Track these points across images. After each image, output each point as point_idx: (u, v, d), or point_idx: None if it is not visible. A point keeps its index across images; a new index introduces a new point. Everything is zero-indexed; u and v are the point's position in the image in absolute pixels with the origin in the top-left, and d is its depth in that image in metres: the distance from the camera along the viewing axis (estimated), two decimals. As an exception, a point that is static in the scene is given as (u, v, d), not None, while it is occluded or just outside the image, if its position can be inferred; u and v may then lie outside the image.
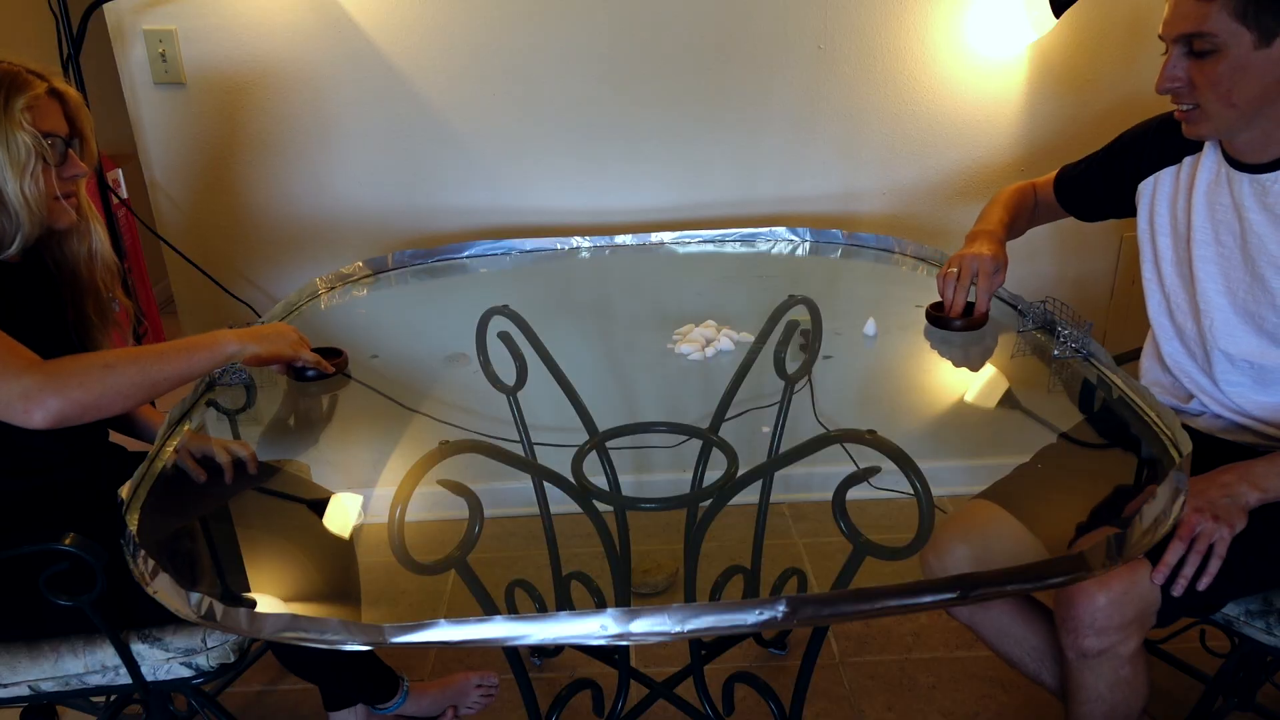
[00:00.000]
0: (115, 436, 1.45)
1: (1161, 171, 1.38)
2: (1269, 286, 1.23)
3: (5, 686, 1.20)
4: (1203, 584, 1.13)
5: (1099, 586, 1.13)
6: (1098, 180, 1.49)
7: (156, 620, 1.21)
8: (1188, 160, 1.34)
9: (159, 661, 1.21)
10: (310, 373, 1.38)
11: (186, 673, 1.22)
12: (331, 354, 1.43)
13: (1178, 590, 1.13)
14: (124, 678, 1.20)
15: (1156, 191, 1.38)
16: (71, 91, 1.24)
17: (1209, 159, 1.30)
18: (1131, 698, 1.21)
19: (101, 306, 1.37)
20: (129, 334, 1.45)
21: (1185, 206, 1.33)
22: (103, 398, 1.12)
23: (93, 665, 1.20)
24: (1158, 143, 1.38)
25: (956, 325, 1.48)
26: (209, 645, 1.22)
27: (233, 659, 1.24)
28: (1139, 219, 1.42)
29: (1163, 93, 1.24)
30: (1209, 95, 1.19)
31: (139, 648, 1.20)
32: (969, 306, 1.48)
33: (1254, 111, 1.19)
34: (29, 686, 1.21)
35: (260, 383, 1.42)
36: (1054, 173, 1.58)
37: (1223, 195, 1.28)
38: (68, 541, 1.07)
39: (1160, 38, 1.23)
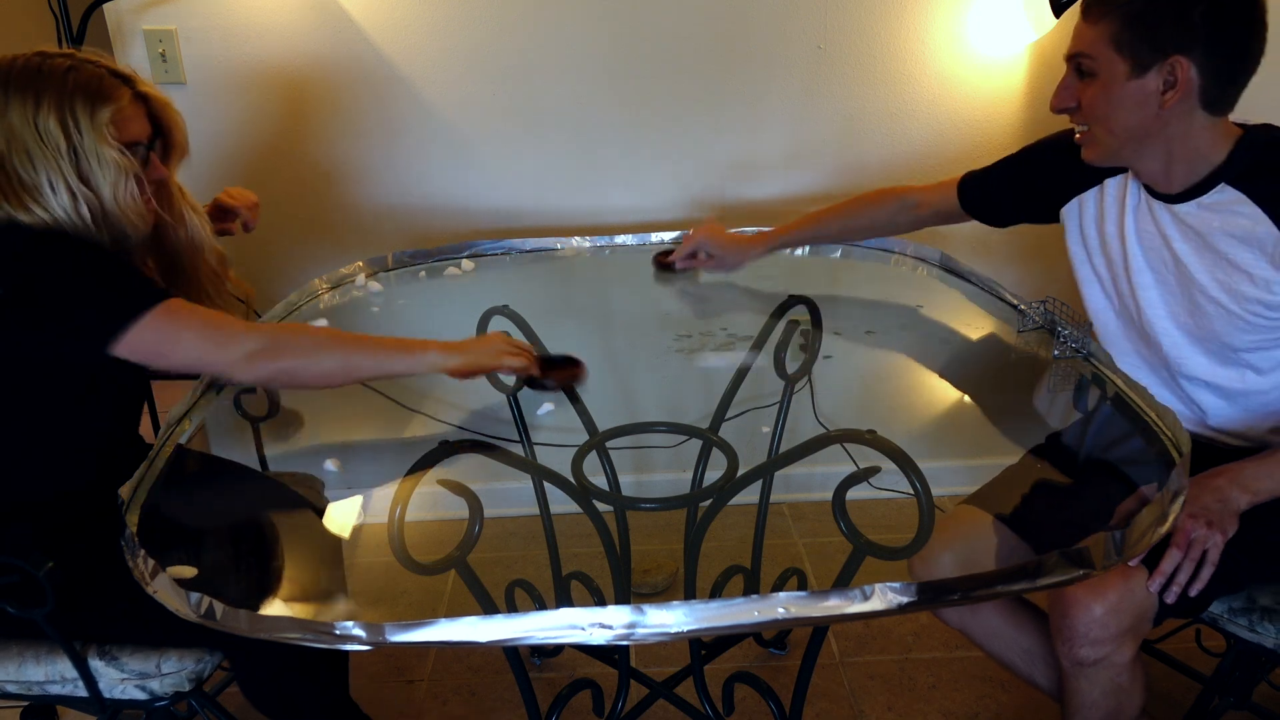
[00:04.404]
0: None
1: (1084, 194, 1.36)
2: (1206, 311, 1.24)
3: None
4: (1194, 590, 1.13)
5: (1094, 596, 1.12)
6: (1015, 187, 1.46)
7: (116, 638, 1.19)
8: (1110, 183, 1.32)
9: (114, 681, 1.19)
10: (549, 383, 1.30)
11: (140, 695, 1.20)
12: (567, 362, 1.32)
13: (1171, 598, 1.13)
14: (83, 690, 1.19)
15: (1083, 214, 1.37)
16: (154, 93, 1.23)
17: (1132, 184, 1.28)
18: (1126, 704, 1.21)
19: (210, 292, 1.37)
20: (252, 305, 1.46)
21: (1117, 233, 1.31)
22: (309, 370, 1.17)
23: (53, 675, 1.19)
24: (1077, 163, 1.32)
25: (670, 268, 1.73)
26: (163, 671, 1.19)
27: (187, 688, 1.21)
28: (1069, 241, 1.40)
29: (1055, 111, 1.24)
30: (1091, 119, 1.20)
31: (96, 664, 1.18)
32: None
33: (1135, 142, 1.18)
34: None
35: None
36: (951, 178, 1.55)
37: (1147, 223, 1.27)
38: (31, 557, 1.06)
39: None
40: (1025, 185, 1.44)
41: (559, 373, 1.30)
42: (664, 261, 1.75)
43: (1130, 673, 1.19)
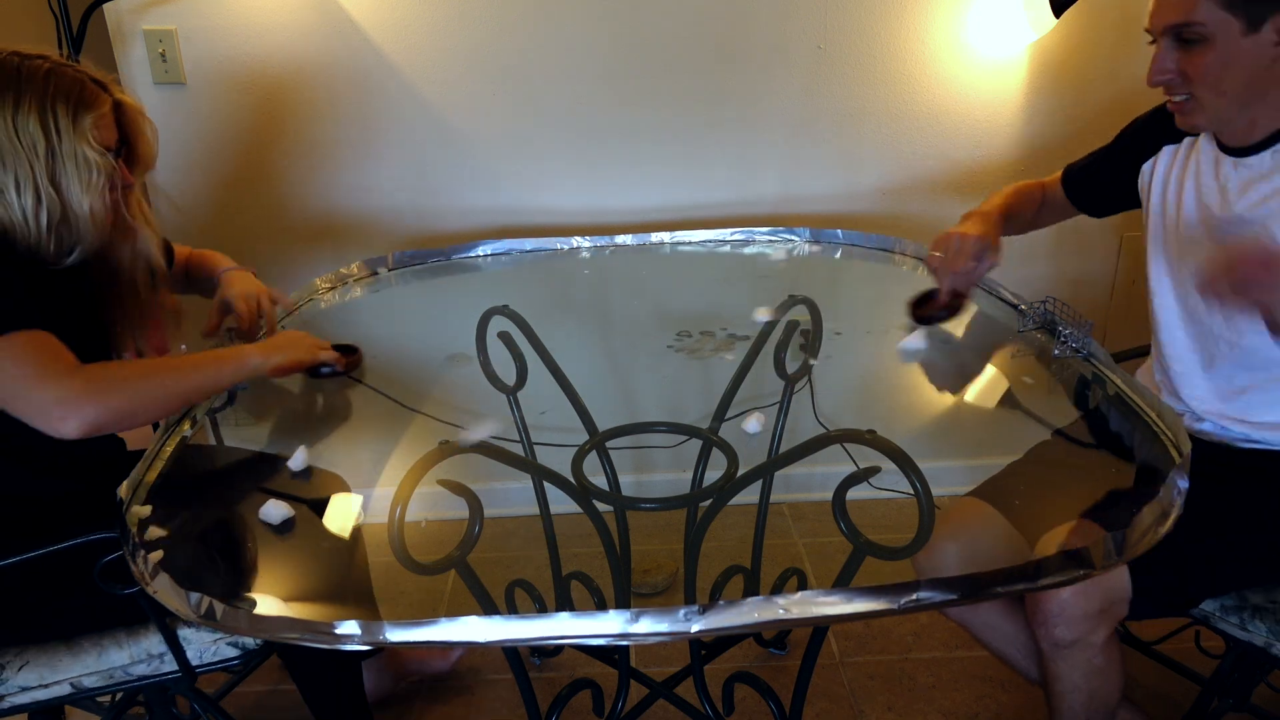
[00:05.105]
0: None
1: (1163, 150, 1.37)
2: None
3: (47, 686, 1.20)
4: None
5: None
6: (1105, 172, 1.48)
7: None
8: (1187, 140, 1.34)
9: (206, 644, 1.23)
10: (325, 369, 1.39)
11: (233, 653, 1.24)
12: (347, 350, 1.45)
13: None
14: (169, 664, 1.22)
15: (1156, 167, 1.38)
16: (129, 100, 1.24)
17: (1204, 139, 1.30)
18: (1107, 686, 1.23)
19: (142, 306, 1.37)
20: (168, 335, 1.45)
21: (1177, 188, 1.33)
22: (140, 407, 1.11)
23: (138, 655, 1.22)
24: (1158, 126, 1.37)
25: (943, 317, 1.47)
26: None
27: None
28: (1143, 198, 1.41)
29: (1154, 85, 1.23)
30: (1200, 85, 1.19)
31: (185, 632, 1.22)
32: (952, 295, 1.45)
33: (1245, 99, 1.18)
34: (71, 684, 1.21)
35: (256, 383, 1.42)
36: (1059, 172, 1.57)
37: (1209, 178, 1.28)
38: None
39: (1147, 30, 1.22)
40: (1124, 165, 1.44)
41: (342, 359, 1.41)
42: (932, 309, 1.47)
43: (1105, 654, 1.20)
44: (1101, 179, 1.49)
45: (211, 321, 1.47)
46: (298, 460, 1.23)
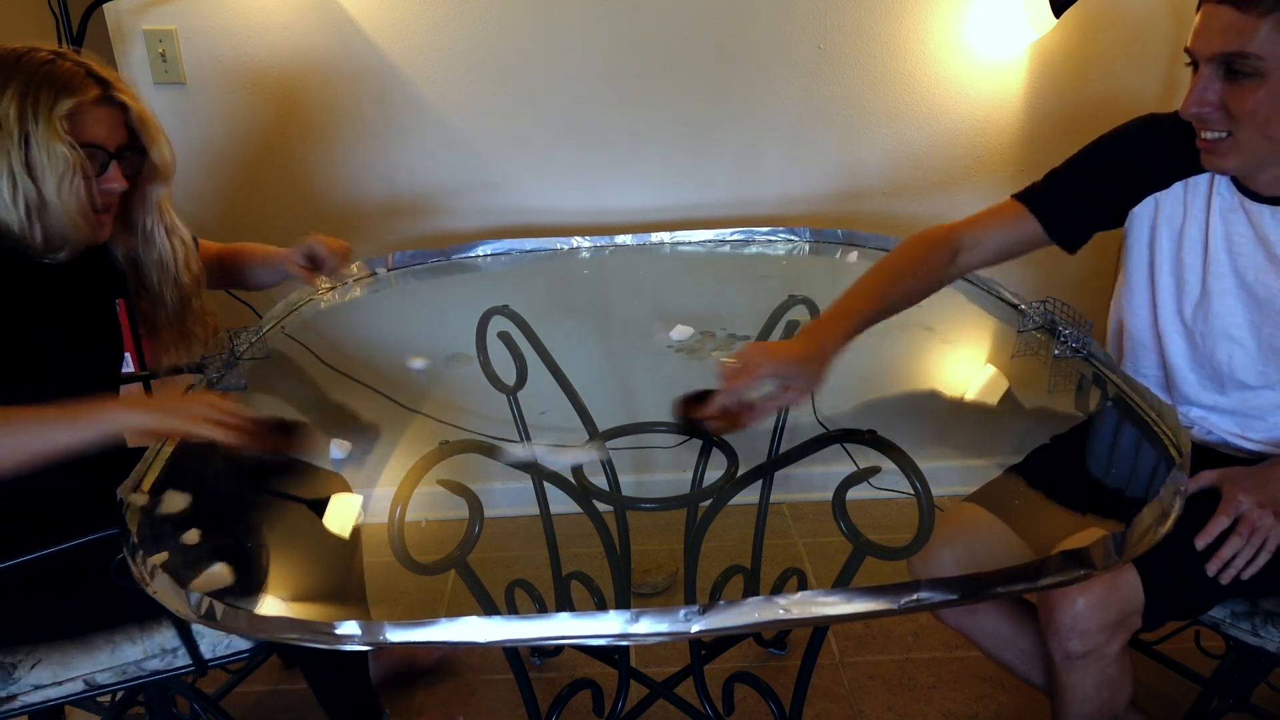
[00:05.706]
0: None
1: (1160, 194, 1.25)
2: None
3: (60, 684, 1.21)
4: (1248, 574, 1.12)
5: (1078, 590, 1.12)
6: (1088, 196, 1.30)
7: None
8: (1195, 183, 1.22)
9: (220, 637, 1.23)
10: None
11: (245, 644, 1.25)
12: (283, 430, 1.14)
13: (1226, 579, 1.13)
14: (182, 659, 1.23)
15: (1158, 215, 1.26)
16: (135, 105, 1.20)
17: (1222, 184, 1.20)
18: (1117, 695, 1.23)
19: (179, 313, 1.37)
20: (206, 340, 1.44)
21: (1200, 237, 1.22)
22: None
23: (151, 650, 1.23)
24: (1148, 158, 1.24)
25: (705, 430, 1.11)
26: None
27: None
28: (1134, 244, 1.30)
29: (1190, 117, 1.10)
30: (1245, 125, 1.07)
31: (198, 625, 1.20)
32: (723, 414, 1.08)
33: None
34: (84, 681, 1.22)
35: (256, 380, 1.42)
36: (996, 207, 1.35)
37: (1241, 226, 1.18)
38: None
39: (1188, 51, 1.10)
40: (1098, 192, 1.29)
41: (268, 440, 1.12)
42: (700, 418, 1.09)
43: (1120, 664, 1.19)
44: (1082, 206, 1.31)
45: (306, 274, 1.50)
46: (335, 452, 1.24)
